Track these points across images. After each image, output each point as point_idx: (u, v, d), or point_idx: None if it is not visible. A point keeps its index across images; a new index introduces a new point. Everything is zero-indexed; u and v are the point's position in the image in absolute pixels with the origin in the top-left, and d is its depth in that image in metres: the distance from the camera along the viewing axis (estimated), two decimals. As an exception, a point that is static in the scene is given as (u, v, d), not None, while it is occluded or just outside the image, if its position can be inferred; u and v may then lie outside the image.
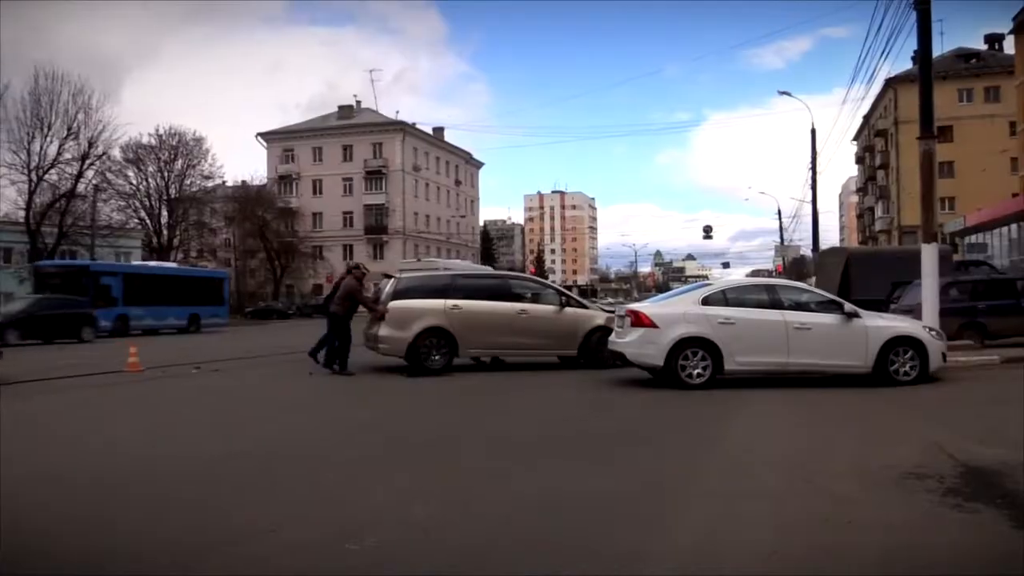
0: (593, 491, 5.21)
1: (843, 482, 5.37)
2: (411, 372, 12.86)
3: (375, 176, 75.37)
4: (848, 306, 11.02)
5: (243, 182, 66.67)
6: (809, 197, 35.58)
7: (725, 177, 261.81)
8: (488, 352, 13.91)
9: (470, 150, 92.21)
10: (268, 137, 77.44)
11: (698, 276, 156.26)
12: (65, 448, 7.01)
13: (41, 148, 41.76)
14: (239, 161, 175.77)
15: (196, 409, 9.65)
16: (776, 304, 10.93)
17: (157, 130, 55.06)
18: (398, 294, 13.34)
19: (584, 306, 14.24)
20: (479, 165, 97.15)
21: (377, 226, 74.91)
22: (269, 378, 13.59)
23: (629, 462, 6.13)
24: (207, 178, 56.42)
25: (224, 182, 62.81)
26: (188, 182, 55.12)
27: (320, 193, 76.53)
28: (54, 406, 9.92)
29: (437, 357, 13.08)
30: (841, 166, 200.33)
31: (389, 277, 14.15)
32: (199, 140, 55.68)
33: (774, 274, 67.05)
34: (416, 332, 13.01)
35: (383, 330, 13.08)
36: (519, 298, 14.01)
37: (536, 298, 14.21)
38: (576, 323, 13.58)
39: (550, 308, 13.83)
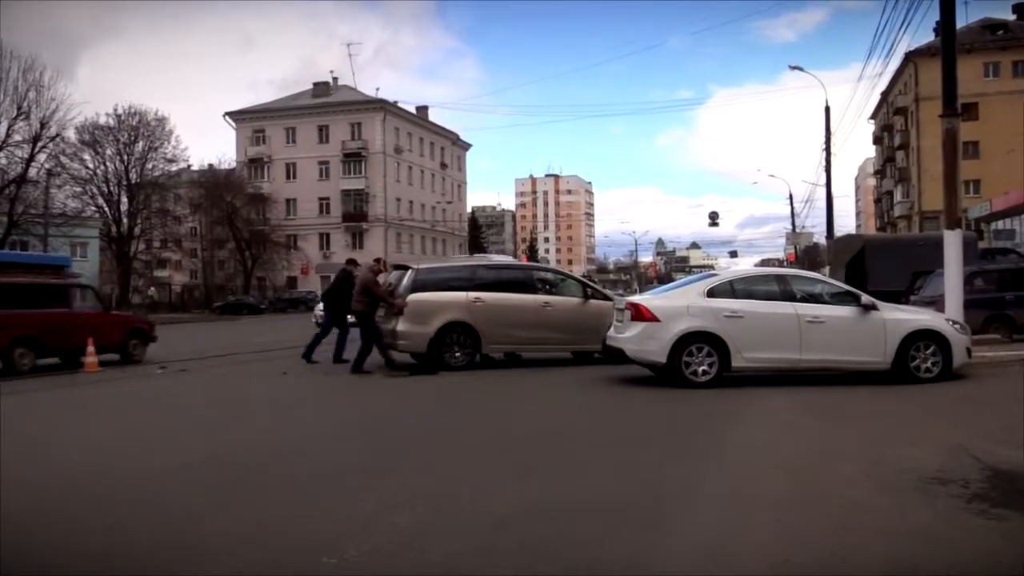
0: (592, 497, 5.23)
1: (859, 487, 5.40)
2: (413, 369, 12.92)
3: (353, 159, 75.18)
4: (865, 298, 11.07)
5: (210, 166, 66.64)
6: (823, 180, 35.70)
7: (732, 159, 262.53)
8: (512, 348, 14.08)
9: (457, 131, 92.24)
10: (237, 117, 77.11)
11: (703, 266, 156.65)
12: (27, 454, 6.98)
13: (-12, 130, 41.48)
14: (206, 144, 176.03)
15: (165, 412, 9.63)
16: (787, 296, 10.97)
17: (116, 110, 54.40)
18: (417, 287, 13.47)
19: (608, 298, 14.40)
20: (466, 147, 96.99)
21: (356, 213, 74.78)
22: (242, 377, 13.58)
23: (629, 466, 6.15)
24: (171, 162, 56.18)
25: (189, 166, 62.74)
26: (150, 166, 54.81)
27: (294, 178, 76.30)
28: (5, 411, 9.86)
29: (459, 354, 13.30)
30: (857, 147, 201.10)
31: (405, 268, 14.26)
32: (162, 120, 55.39)
33: (785, 264, 67.28)
34: (437, 327, 13.20)
35: (401, 325, 13.22)
36: (541, 289, 14.20)
37: (558, 289, 14.41)
38: (601, 316, 13.49)
39: (574, 300, 14.06)
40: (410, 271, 13.91)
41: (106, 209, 52.92)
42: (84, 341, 14.75)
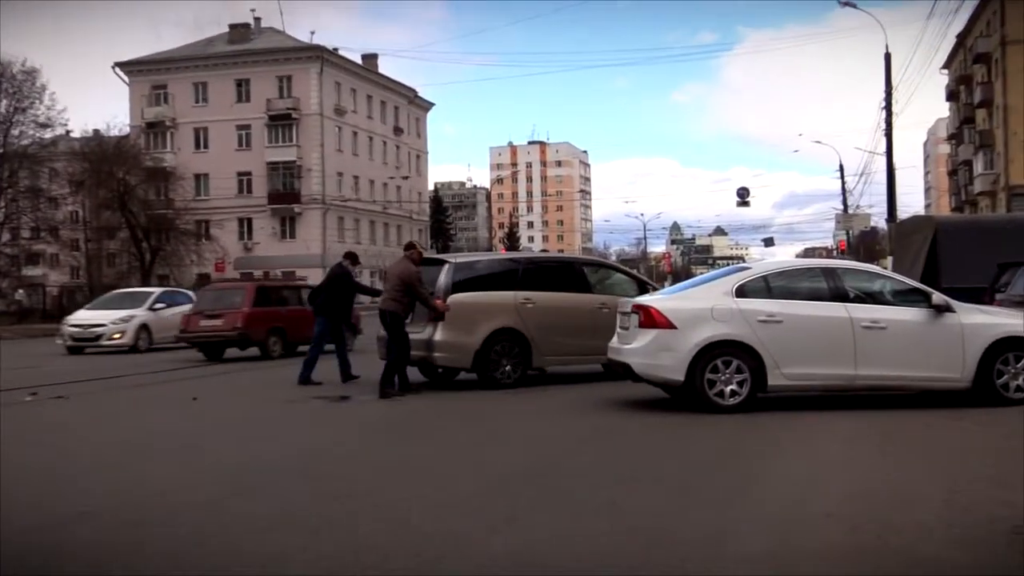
0: (591, 555, 5.21)
1: (935, 540, 5.41)
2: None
3: (282, 123, 74.98)
4: (937, 296, 11.15)
5: (96, 133, 65.89)
6: (883, 147, 35.94)
7: (768, 122, 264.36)
8: (564, 360, 14.51)
9: (415, 86, 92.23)
10: (131, 69, 76.74)
11: (731, 258, 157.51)
12: None
13: None
14: (91, 104, 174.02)
15: (31, 450, 9.52)
16: (838, 295, 11.02)
17: (-34, 59, 53.81)
18: (457, 284, 13.82)
19: None
20: (427, 106, 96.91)
21: (286, 192, 74.63)
22: (140, 405, 13.51)
23: (639, 514, 6.15)
24: (44, 127, 55.53)
25: (69, 133, 62.05)
26: (16, 132, 54.24)
27: (205, 147, 75.96)
28: None
29: (508, 367, 13.82)
30: (927, 105, 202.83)
31: (439, 262, 14.52)
32: (31, 73, 54.68)
33: (835, 254, 67.73)
34: (484, 336, 13.69)
35: (441, 333, 13.58)
36: (593, 287, 14.69)
37: (607, 286, 14.87)
38: None
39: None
40: (446, 266, 14.22)
41: (-44, 189, 52.42)
42: (310, 333, 16.69)
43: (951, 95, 76.38)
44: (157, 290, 30.86)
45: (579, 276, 14.99)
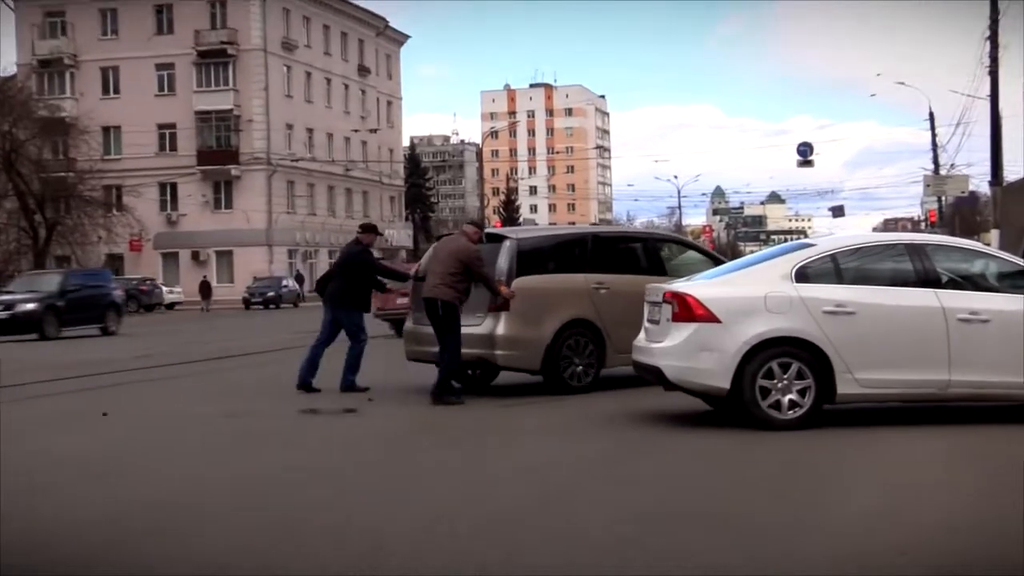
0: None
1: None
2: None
3: (215, 61, 74.96)
4: (1057, 281, 11.14)
5: (-28, 73, 65.78)
6: (985, 90, 35.88)
7: (835, 58, 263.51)
8: None
9: (385, 14, 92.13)
10: (19, -9, 76.55)
11: (790, 232, 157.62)
12: None
13: None
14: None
15: None
16: (928, 279, 11.00)
17: None
18: (522, 265, 14.27)
19: None
20: (401, 40, 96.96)
21: (220, 150, 74.67)
22: (28, 423, 13.50)
23: (668, 555, 6.17)
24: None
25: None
26: None
27: (115, 92, 75.95)
28: None
29: (581, 367, 14.34)
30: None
31: (496, 238, 14.91)
32: None
33: (925, 227, 67.66)
34: (554, 329, 14.12)
35: (504, 327, 14.05)
36: (668, 269, 15.23)
37: (680, 266, 15.35)
38: None
39: None
40: (507, 243, 14.61)
41: None
42: None
43: (1072, 23, 76.30)
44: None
45: (653, 255, 15.61)
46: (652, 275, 14.38)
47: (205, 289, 66.21)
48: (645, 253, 15.72)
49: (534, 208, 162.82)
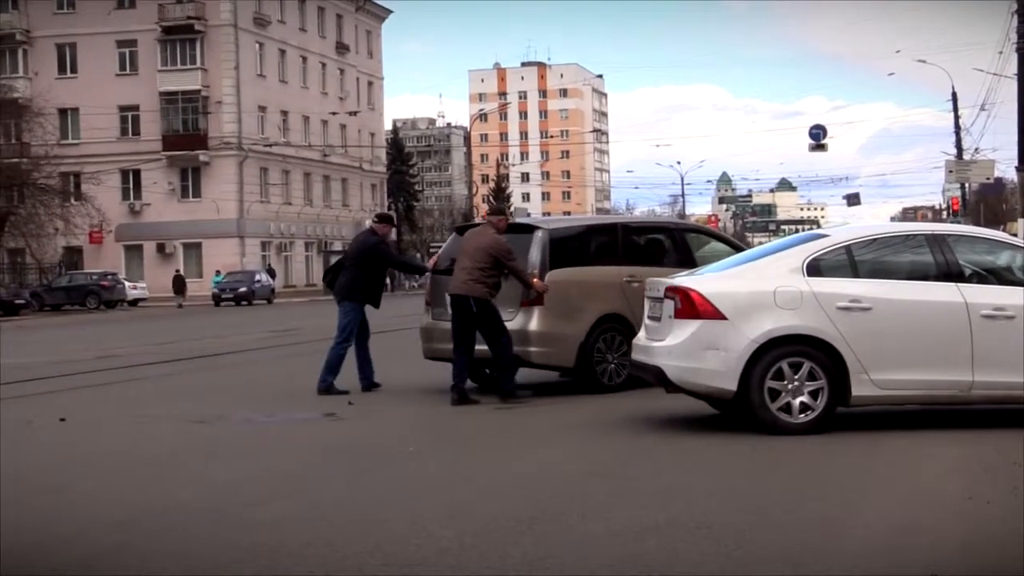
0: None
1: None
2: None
3: (181, 37, 74.89)
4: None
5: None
6: (1012, 68, 35.92)
7: (851, 35, 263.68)
8: None
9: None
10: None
11: (801, 222, 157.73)
12: None
13: None
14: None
15: None
16: (950, 272, 11.02)
17: None
18: (554, 257, 14.63)
19: None
20: (383, 15, 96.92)
21: (187, 134, 74.56)
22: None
23: (670, 571, 6.18)
24: None
25: None
26: None
27: (72, 71, 75.81)
28: None
29: (614, 364, 14.67)
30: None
31: (526, 229, 15.36)
32: None
33: (947, 216, 67.75)
34: (590, 324, 14.53)
35: (538, 322, 14.39)
36: (696, 260, 15.45)
37: (706, 258, 15.49)
38: None
39: None
40: (538, 233, 14.96)
41: None
42: None
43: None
44: None
45: (682, 246, 16.03)
46: (682, 268, 14.51)
47: (179, 284, 66.45)
48: (674, 244, 16.13)
49: (526, 196, 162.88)
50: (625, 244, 15.70)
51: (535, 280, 14.07)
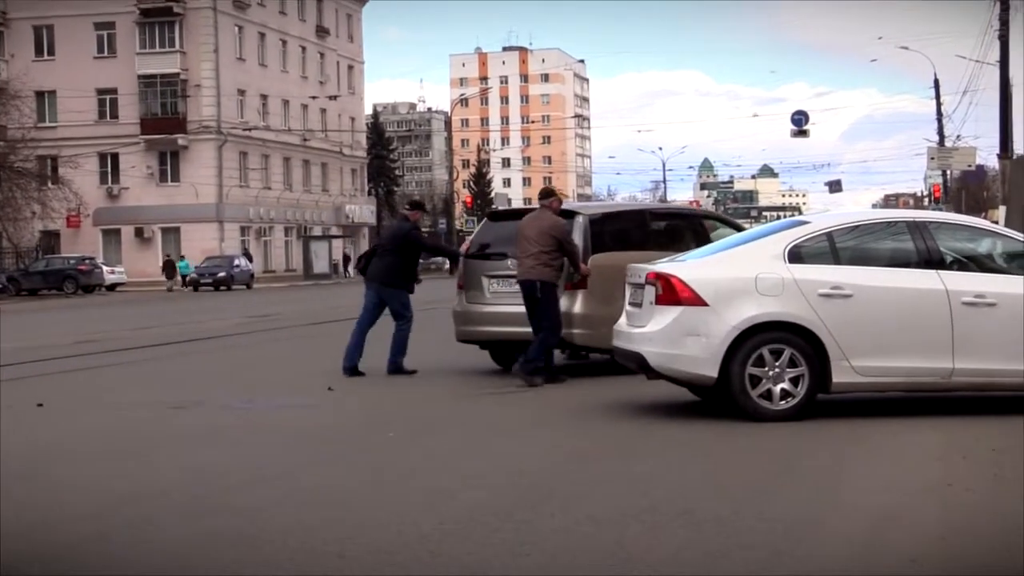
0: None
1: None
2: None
3: (159, 20, 74.53)
4: (1069, 261, 11.18)
5: None
6: (995, 55, 35.97)
7: (834, 21, 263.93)
8: None
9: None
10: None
11: (783, 208, 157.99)
12: None
13: None
14: None
15: None
16: (930, 259, 11.03)
17: None
18: (596, 242, 15.01)
19: None
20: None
21: (166, 118, 74.22)
22: None
23: (652, 559, 6.20)
24: None
25: None
26: None
27: (49, 53, 75.43)
28: None
29: None
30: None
31: (567, 214, 15.25)
32: None
33: (928, 203, 67.94)
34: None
35: (581, 305, 14.70)
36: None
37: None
38: None
39: None
40: (579, 219, 15.29)
41: None
42: None
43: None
44: None
45: (701, 232, 16.26)
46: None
47: (169, 268, 66.60)
48: (693, 231, 16.47)
49: (507, 182, 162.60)
50: (652, 229, 16.28)
51: (580, 264, 14.42)
